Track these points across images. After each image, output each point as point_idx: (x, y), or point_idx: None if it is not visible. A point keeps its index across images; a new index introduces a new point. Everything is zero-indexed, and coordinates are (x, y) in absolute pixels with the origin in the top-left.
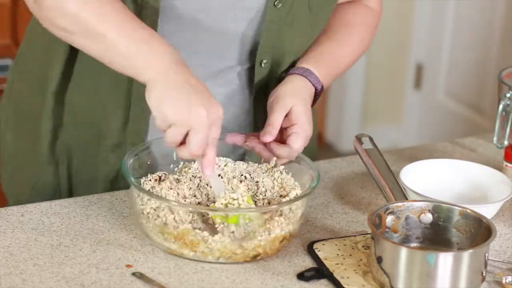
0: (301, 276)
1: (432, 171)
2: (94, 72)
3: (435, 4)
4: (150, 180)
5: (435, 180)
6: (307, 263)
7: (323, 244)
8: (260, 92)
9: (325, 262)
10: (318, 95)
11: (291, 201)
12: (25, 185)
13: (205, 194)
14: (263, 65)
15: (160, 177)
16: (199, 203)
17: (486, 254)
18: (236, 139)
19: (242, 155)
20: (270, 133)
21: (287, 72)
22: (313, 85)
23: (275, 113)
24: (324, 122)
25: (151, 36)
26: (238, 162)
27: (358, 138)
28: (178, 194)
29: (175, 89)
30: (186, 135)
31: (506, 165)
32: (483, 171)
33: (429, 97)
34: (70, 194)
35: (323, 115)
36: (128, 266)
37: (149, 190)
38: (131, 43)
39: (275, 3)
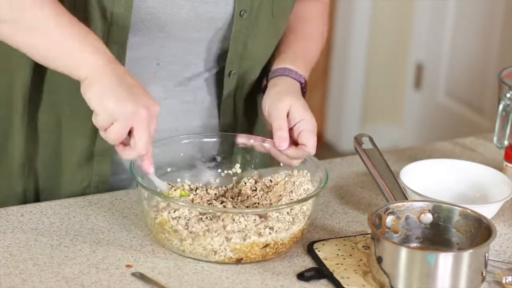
0: (301, 276)
1: (432, 171)
2: (59, 91)
3: (435, 4)
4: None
5: (435, 180)
6: (307, 263)
7: (323, 244)
8: (227, 97)
9: (325, 262)
10: (304, 88)
11: (273, 208)
12: None
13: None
14: (231, 76)
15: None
16: None
17: (486, 254)
18: (246, 140)
19: (214, 157)
20: (283, 139)
21: (266, 78)
22: (297, 80)
23: (277, 117)
24: (324, 122)
25: (87, 34)
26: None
27: (358, 138)
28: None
29: (114, 86)
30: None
31: (506, 165)
32: (483, 171)
33: (429, 97)
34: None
35: (323, 115)
36: (128, 266)
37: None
38: (66, 39)
39: (241, 12)
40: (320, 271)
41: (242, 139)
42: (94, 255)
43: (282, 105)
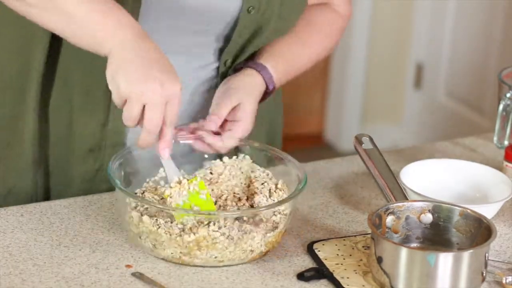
0: (301, 276)
1: (432, 171)
2: (73, 75)
3: (435, 4)
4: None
5: (435, 180)
6: (307, 263)
7: (323, 244)
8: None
9: (325, 262)
10: (268, 94)
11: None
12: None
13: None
14: (226, 64)
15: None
16: None
17: (486, 254)
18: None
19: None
20: (215, 122)
21: (244, 63)
22: (266, 84)
23: (223, 104)
24: (324, 122)
25: (112, 8)
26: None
27: (358, 138)
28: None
29: (131, 62)
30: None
31: (506, 165)
32: (483, 171)
33: (429, 97)
34: (47, 196)
35: (323, 115)
36: (128, 266)
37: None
38: (91, 15)
39: (249, 9)
40: (320, 271)
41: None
42: (94, 255)
43: (235, 97)
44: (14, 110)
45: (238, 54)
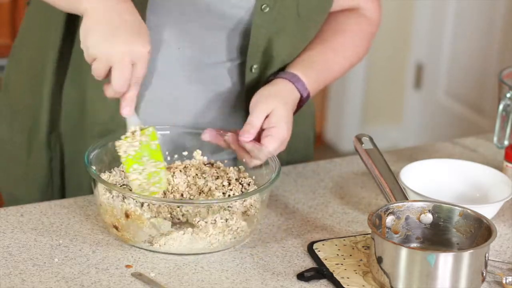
0: (301, 276)
1: (432, 171)
2: (85, 64)
3: (435, 4)
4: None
5: (435, 180)
6: (307, 263)
7: (323, 244)
8: (251, 91)
9: (325, 262)
10: (303, 102)
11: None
12: (18, 178)
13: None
14: (253, 70)
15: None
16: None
17: (487, 255)
18: (212, 136)
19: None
20: (248, 132)
21: (275, 75)
22: (299, 92)
23: (256, 113)
24: (324, 122)
25: None
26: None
27: (358, 138)
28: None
29: (101, 23)
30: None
31: (506, 165)
32: (483, 171)
33: (429, 97)
34: (62, 185)
35: (323, 115)
36: (128, 266)
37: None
38: None
39: (262, 7)
40: (320, 271)
41: (208, 134)
42: (93, 255)
43: (266, 106)
44: (32, 98)
45: (265, 60)
